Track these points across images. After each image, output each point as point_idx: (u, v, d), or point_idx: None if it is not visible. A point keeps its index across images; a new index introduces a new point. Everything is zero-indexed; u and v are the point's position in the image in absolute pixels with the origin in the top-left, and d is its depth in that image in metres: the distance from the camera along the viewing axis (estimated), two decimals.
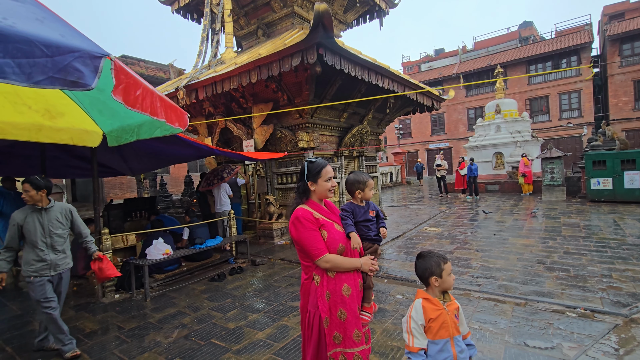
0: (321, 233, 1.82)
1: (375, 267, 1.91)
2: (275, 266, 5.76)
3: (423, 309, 1.69)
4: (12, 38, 1.06)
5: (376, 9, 10.31)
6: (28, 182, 2.89)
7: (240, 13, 9.08)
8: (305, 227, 1.79)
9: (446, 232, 7.61)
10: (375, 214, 2.06)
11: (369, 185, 2.05)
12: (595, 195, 10.66)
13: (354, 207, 2.02)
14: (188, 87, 7.22)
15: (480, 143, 17.02)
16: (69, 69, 1.16)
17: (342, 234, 1.88)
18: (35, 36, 1.12)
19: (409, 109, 11.02)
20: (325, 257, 1.78)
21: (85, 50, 1.22)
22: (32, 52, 1.09)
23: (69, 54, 1.16)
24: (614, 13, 25.98)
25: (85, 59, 1.20)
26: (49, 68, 1.11)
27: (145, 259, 4.62)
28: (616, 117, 21.74)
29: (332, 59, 5.69)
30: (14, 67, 1.05)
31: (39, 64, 1.09)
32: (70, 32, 1.31)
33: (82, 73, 1.18)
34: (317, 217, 1.84)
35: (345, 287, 1.81)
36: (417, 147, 30.90)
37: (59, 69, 1.13)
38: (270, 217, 7.60)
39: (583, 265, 4.89)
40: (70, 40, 1.24)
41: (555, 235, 6.73)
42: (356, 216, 1.99)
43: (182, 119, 2.01)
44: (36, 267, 2.98)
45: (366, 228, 2.00)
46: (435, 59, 38.33)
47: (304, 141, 7.43)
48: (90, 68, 1.20)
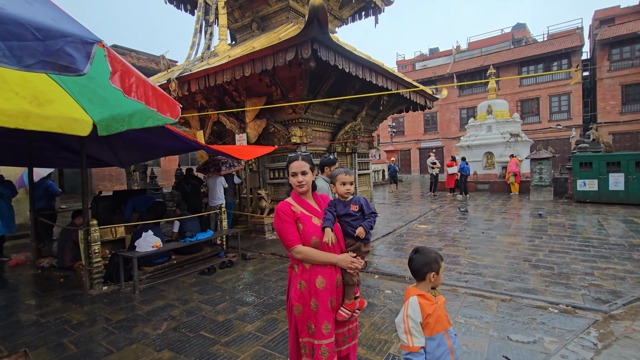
0: (297, 226, 1.88)
1: (355, 265, 1.85)
2: (266, 260, 5.77)
3: (420, 305, 1.66)
4: (2, 19, 1.03)
5: (372, 5, 10.31)
6: None
7: (234, 5, 8.98)
8: (281, 219, 1.88)
9: (436, 230, 7.71)
10: (360, 208, 1.97)
11: (339, 179, 2.00)
12: (581, 196, 10.89)
13: (336, 201, 2.00)
14: (180, 79, 7.14)
15: (471, 143, 17.21)
16: (61, 53, 1.14)
17: (318, 228, 1.89)
18: (27, 19, 1.09)
19: (402, 107, 11.08)
20: (296, 248, 1.85)
21: (77, 35, 1.20)
22: (24, 35, 1.07)
23: (61, 39, 1.15)
24: (604, 18, 26.40)
25: (77, 44, 1.18)
26: (40, 52, 1.09)
27: (134, 251, 4.58)
28: (604, 120, 22.18)
29: (327, 55, 5.68)
30: (4, 49, 1.02)
31: (30, 47, 1.07)
32: (61, 16, 1.29)
33: (74, 58, 1.16)
34: (295, 210, 1.91)
35: (320, 279, 1.85)
36: (409, 145, 31.09)
37: (51, 53, 1.11)
38: (262, 212, 7.59)
39: (567, 263, 5.01)
40: (62, 24, 1.22)
41: (541, 234, 6.87)
42: (338, 211, 1.96)
43: (174, 110, 1.99)
44: None
45: (347, 224, 1.95)
46: (430, 58, 38.51)
47: (297, 136, 7.42)
48: (83, 54, 1.19)
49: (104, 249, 5.24)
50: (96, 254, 4.44)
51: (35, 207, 6.02)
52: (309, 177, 1.94)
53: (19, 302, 4.21)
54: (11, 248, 7.15)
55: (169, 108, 1.91)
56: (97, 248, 4.44)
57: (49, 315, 3.74)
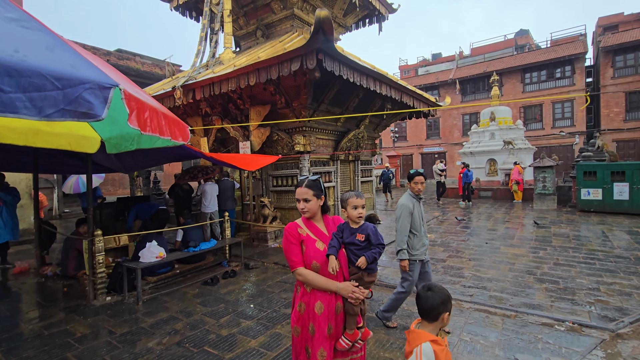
0: (302, 248, 1.90)
1: (356, 296, 1.80)
2: (268, 270, 5.75)
3: (435, 354, 1.50)
4: (24, 72, 1.05)
5: (376, 13, 10.35)
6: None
7: (239, 13, 9.05)
8: (288, 240, 1.91)
9: (439, 239, 7.68)
10: (366, 238, 1.90)
11: (350, 203, 1.97)
12: (585, 205, 10.84)
13: (344, 226, 1.97)
14: (185, 87, 7.17)
15: (474, 149, 17.19)
16: (80, 100, 1.15)
17: (321, 253, 1.88)
18: (47, 69, 1.11)
19: (405, 114, 11.08)
20: (298, 270, 1.86)
21: (94, 81, 1.21)
22: (44, 85, 1.08)
23: (80, 86, 1.16)
24: (608, 25, 26.41)
25: (95, 89, 1.19)
26: (60, 100, 1.10)
27: (138, 262, 4.58)
28: (607, 128, 22.11)
29: (332, 65, 5.70)
30: (25, 101, 1.04)
31: (50, 96, 1.08)
32: (80, 61, 1.30)
33: (92, 104, 1.17)
34: (301, 233, 1.92)
35: (319, 304, 1.84)
36: (412, 150, 31.07)
37: (70, 101, 1.12)
38: (265, 220, 7.58)
39: (572, 277, 4.97)
40: (81, 70, 1.23)
41: (545, 246, 6.83)
42: (344, 237, 1.93)
43: (185, 133, 2.00)
44: None
45: (351, 252, 1.90)
46: (432, 63, 38.57)
47: (301, 144, 7.43)
48: (100, 99, 1.20)
49: (107, 257, 5.24)
50: (100, 264, 4.44)
51: (82, 205, 6.28)
52: (312, 204, 1.92)
53: (23, 313, 4.21)
54: (15, 254, 7.17)
55: (180, 132, 1.92)
56: (101, 258, 4.45)
57: (53, 327, 3.73)
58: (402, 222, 3.44)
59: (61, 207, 13.25)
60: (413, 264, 3.49)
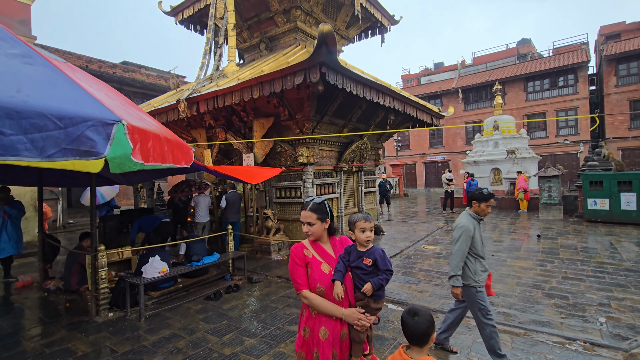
0: (307, 270, 1.87)
1: (362, 323, 1.75)
2: (272, 284, 5.69)
3: None
4: (26, 113, 1.05)
5: (378, 25, 10.44)
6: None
7: (243, 26, 9.16)
8: (293, 261, 1.88)
9: (444, 251, 7.58)
10: (373, 262, 1.85)
11: (358, 226, 1.91)
12: (592, 215, 10.70)
13: (351, 249, 1.92)
14: (189, 100, 7.23)
15: (478, 159, 17.12)
16: (82, 138, 1.15)
17: (326, 276, 1.84)
18: (49, 108, 1.10)
19: (408, 125, 11.08)
20: (303, 293, 1.83)
21: (97, 118, 1.20)
22: (46, 125, 1.08)
23: (82, 124, 1.15)
24: (610, 33, 26.47)
25: (97, 126, 1.19)
26: (62, 140, 1.09)
27: (141, 277, 4.55)
28: (612, 136, 21.98)
29: (335, 78, 5.72)
30: (26, 143, 1.03)
31: (52, 137, 1.07)
32: (83, 97, 1.29)
33: (94, 142, 1.16)
34: (307, 254, 1.89)
35: (323, 329, 1.80)
36: (415, 159, 31.03)
37: (72, 140, 1.11)
38: (268, 232, 7.54)
39: (581, 292, 4.87)
40: (84, 107, 1.22)
41: (553, 258, 6.72)
42: (350, 260, 1.88)
43: (188, 156, 1.98)
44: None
45: (357, 277, 1.86)
46: (435, 72, 38.74)
47: (304, 156, 7.43)
48: (103, 135, 1.19)
49: (110, 271, 5.21)
50: (103, 280, 4.42)
51: (99, 215, 7.13)
52: (315, 227, 1.89)
53: (25, 330, 4.18)
54: (18, 267, 7.17)
55: (184, 156, 1.90)
56: (104, 274, 4.42)
57: (54, 345, 3.69)
58: (459, 245, 3.09)
59: (65, 218, 13.29)
60: (478, 291, 3.09)
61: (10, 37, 1.47)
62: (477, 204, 3.20)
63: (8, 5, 7.88)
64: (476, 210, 3.23)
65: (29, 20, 8.37)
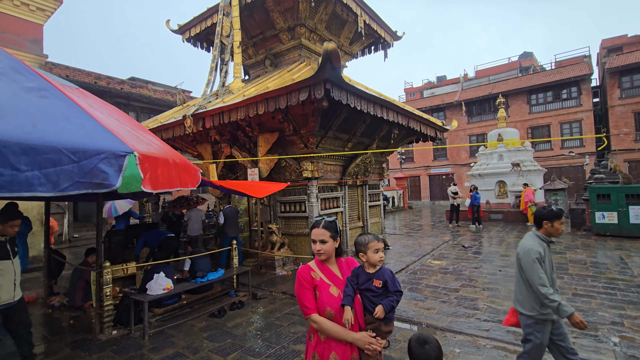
0: (315, 293, 1.83)
1: (373, 347, 1.72)
2: (276, 301, 5.63)
3: None
4: (41, 149, 1.08)
5: (381, 41, 10.60)
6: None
7: (249, 44, 9.35)
8: (300, 284, 1.84)
9: (451, 266, 7.48)
10: (383, 284, 1.84)
11: (371, 247, 1.90)
12: (601, 229, 10.55)
13: (360, 271, 1.90)
14: (196, 116, 7.32)
15: (482, 171, 17.05)
16: (95, 171, 1.17)
17: (335, 299, 1.81)
18: (63, 143, 1.14)
19: (412, 138, 11.12)
20: (312, 317, 1.79)
21: (110, 150, 1.23)
22: (60, 159, 1.11)
23: (95, 157, 1.18)
24: (612, 46, 26.64)
25: (110, 159, 1.22)
26: (75, 173, 1.12)
27: (145, 294, 4.53)
28: (618, 148, 21.85)
29: (339, 95, 5.79)
30: (40, 177, 1.06)
31: (65, 170, 1.10)
32: (96, 129, 1.33)
33: (107, 174, 1.19)
34: (314, 277, 1.85)
35: (333, 355, 1.76)
36: (419, 172, 30.98)
37: (85, 173, 1.14)
38: (273, 247, 7.51)
39: (593, 310, 4.76)
40: (97, 139, 1.26)
41: (562, 273, 6.60)
42: (359, 282, 1.86)
43: (195, 178, 2.01)
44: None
45: (367, 299, 1.83)
46: (437, 85, 39.07)
47: (309, 171, 7.46)
48: (115, 167, 1.22)
49: (114, 287, 5.19)
50: (107, 297, 4.40)
51: (116, 227, 7.58)
52: (328, 245, 1.87)
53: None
54: (23, 282, 7.12)
55: (191, 178, 1.93)
56: (109, 291, 4.41)
57: None
58: (533, 274, 2.61)
59: (71, 232, 13.36)
60: (542, 324, 2.69)
61: (26, 70, 1.52)
62: (549, 223, 2.72)
63: (21, 25, 8.14)
64: (548, 231, 2.75)
65: (41, 40, 8.62)
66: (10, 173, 1.03)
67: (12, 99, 1.25)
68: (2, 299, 3.11)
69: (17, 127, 1.11)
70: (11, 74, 1.41)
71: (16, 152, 1.05)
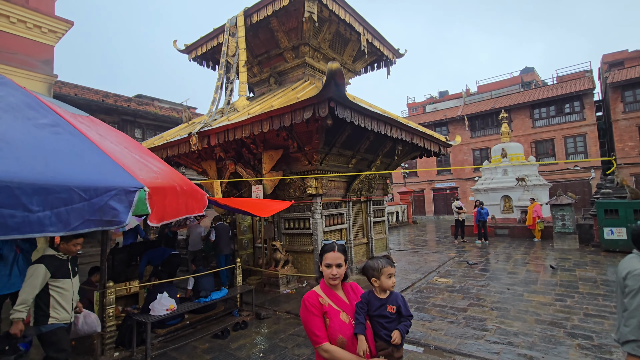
0: (324, 320, 1.77)
1: None
2: (280, 321, 5.54)
3: None
4: (53, 189, 1.09)
5: (383, 58, 10.76)
6: None
7: (253, 62, 9.52)
8: (308, 311, 1.77)
9: (457, 284, 7.35)
10: (397, 309, 1.83)
11: (384, 272, 1.87)
12: (610, 245, 10.36)
13: (370, 297, 1.87)
14: (201, 134, 7.40)
15: (487, 186, 16.96)
16: (105, 208, 1.19)
17: (346, 326, 1.77)
18: (75, 181, 1.15)
19: (416, 154, 11.13)
20: (324, 346, 1.72)
21: (120, 187, 1.24)
22: (71, 198, 1.12)
23: (106, 194, 1.20)
24: (613, 61, 26.85)
25: (120, 195, 1.23)
26: (86, 211, 1.13)
27: (148, 314, 4.47)
28: (623, 162, 21.71)
29: (343, 112, 5.84)
30: (51, 217, 1.07)
31: (76, 209, 1.11)
32: (107, 164, 1.35)
33: (117, 211, 1.20)
34: (323, 303, 1.80)
35: None
36: (422, 186, 30.87)
37: (95, 210, 1.15)
38: (277, 264, 7.44)
39: (606, 331, 4.62)
40: (107, 176, 1.28)
41: (572, 292, 6.45)
42: (370, 309, 1.83)
43: (201, 203, 2.01)
44: None
45: (380, 325, 1.80)
46: (440, 100, 39.39)
47: (313, 187, 7.45)
48: (125, 203, 1.23)
49: (117, 306, 5.14)
50: (110, 317, 4.35)
51: (123, 242, 7.88)
52: (342, 269, 1.85)
53: None
54: None
55: (197, 204, 1.93)
56: (112, 311, 4.36)
57: None
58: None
59: None
60: None
61: (40, 106, 1.56)
62: None
63: (33, 47, 8.36)
64: None
65: (51, 60, 8.84)
66: (22, 214, 1.04)
67: (26, 137, 1.28)
68: (60, 317, 3.13)
69: (30, 167, 1.13)
70: (26, 110, 1.45)
71: (29, 193, 1.06)
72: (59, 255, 3.25)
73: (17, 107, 1.43)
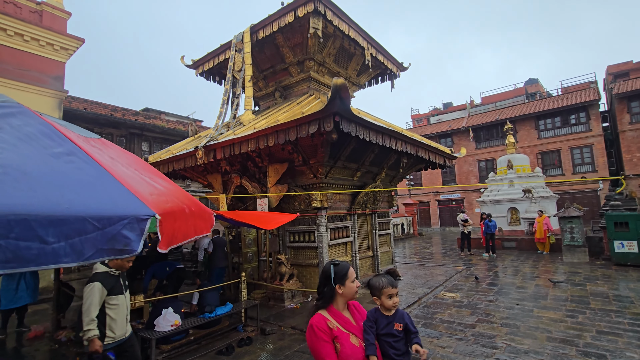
0: (335, 346, 1.71)
1: None
2: (285, 337, 5.47)
3: None
4: (68, 220, 1.12)
5: (387, 72, 10.86)
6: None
7: (259, 76, 9.67)
8: (317, 336, 1.71)
9: (465, 299, 7.23)
10: (404, 327, 1.82)
11: (385, 292, 1.86)
12: (621, 258, 10.16)
13: (377, 315, 1.85)
14: (207, 148, 7.48)
15: (494, 198, 16.81)
16: (118, 237, 1.21)
17: (358, 349, 1.73)
18: (89, 212, 1.18)
19: (421, 166, 11.11)
20: None
21: (133, 215, 1.27)
22: (85, 228, 1.15)
23: (119, 223, 1.22)
24: (618, 72, 26.82)
25: (133, 224, 1.26)
26: (99, 240, 1.16)
27: (153, 331, 4.44)
28: (632, 173, 21.45)
29: (348, 127, 5.88)
30: (66, 248, 1.09)
31: (90, 239, 1.14)
32: (120, 193, 1.38)
33: (129, 240, 1.22)
34: (332, 327, 1.74)
35: None
36: (428, 197, 30.70)
37: (108, 239, 1.18)
38: (282, 278, 7.39)
39: (620, 349, 4.49)
40: (120, 204, 1.30)
41: (583, 308, 6.31)
42: (378, 327, 1.81)
43: (209, 222, 2.03)
44: None
45: (388, 345, 1.78)
46: (444, 112, 39.49)
47: (318, 200, 7.45)
48: (137, 232, 1.25)
49: None
50: None
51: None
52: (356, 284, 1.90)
53: None
54: (31, 314, 7.11)
55: (205, 224, 1.94)
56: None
57: None
58: None
59: None
60: None
61: (56, 134, 1.60)
62: None
63: (45, 64, 8.59)
64: None
65: (62, 76, 9.07)
66: (38, 247, 1.06)
67: (42, 167, 1.31)
68: (117, 335, 3.09)
69: (46, 198, 1.16)
70: (42, 139, 1.49)
71: (44, 225, 1.08)
72: (111, 271, 3.20)
73: (33, 136, 1.47)
